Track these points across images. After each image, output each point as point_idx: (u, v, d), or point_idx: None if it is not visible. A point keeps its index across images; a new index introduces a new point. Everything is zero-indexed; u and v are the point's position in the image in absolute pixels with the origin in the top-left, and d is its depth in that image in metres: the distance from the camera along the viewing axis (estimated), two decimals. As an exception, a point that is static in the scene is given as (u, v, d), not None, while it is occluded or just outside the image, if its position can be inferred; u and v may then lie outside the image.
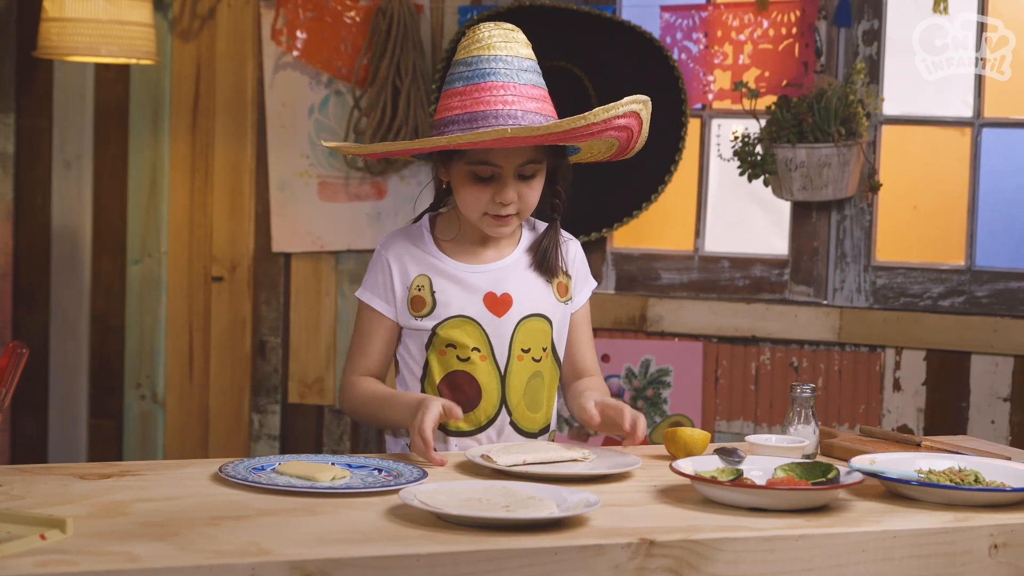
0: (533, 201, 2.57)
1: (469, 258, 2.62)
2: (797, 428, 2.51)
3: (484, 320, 2.57)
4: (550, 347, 2.63)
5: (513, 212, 2.54)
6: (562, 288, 2.66)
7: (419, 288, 2.59)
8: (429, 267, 2.61)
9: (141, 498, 2.07)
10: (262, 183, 4.51)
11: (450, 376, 2.58)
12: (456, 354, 2.57)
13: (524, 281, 2.62)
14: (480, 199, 2.53)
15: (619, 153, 2.65)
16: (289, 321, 4.53)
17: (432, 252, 2.62)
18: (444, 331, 2.57)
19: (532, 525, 1.94)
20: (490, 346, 2.57)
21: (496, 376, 2.58)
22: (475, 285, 2.59)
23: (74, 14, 4.00)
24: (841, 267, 4.11)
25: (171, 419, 4.62)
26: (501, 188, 2.52)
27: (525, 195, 2.54)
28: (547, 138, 2.43)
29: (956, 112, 4.08)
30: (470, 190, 2.54)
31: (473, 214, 2.56)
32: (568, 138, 2.46)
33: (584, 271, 2.72)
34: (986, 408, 3.96)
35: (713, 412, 4.19)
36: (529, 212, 2.59)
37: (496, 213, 2.54)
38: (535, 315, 2.60)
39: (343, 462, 2.32)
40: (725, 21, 4.12)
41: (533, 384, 2.60)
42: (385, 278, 2.61)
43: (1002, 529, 2.06)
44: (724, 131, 4.19)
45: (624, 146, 2.61)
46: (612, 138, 2.53)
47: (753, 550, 1.94)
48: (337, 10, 4.37)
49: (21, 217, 4.64)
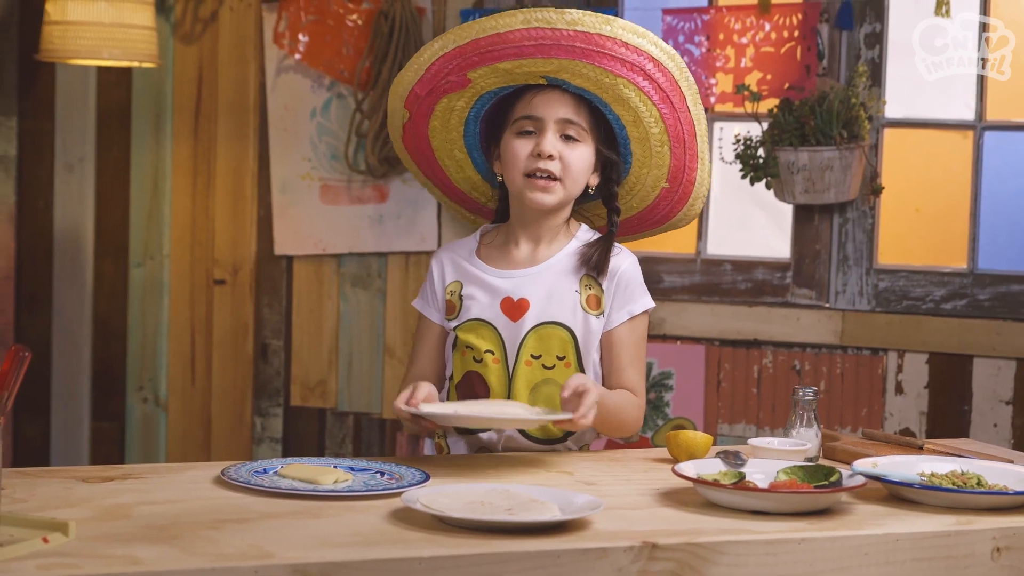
0: (576, 169, 2.57)
1: (502, 264, 2.64)
2: (799, 431, 2.51)
3: (499, 324, 2.59)
4: (572, 357, 2.59)
5: (554, 170, 2.54)
6: (593, 301, 2.61)
7: (451, 293, 2.64)
8: (463, 273, 2.64)
9: (143, 501, 2.07)
10: (264, 186, 4.51)
11: (465, 377, 2.62)
12: (472, 355, 2.60)
13: (548, 289, 2.60)
14: (521, 152, 2.55)
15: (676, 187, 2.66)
16: (291, 324, 4.54)
17: (470, 258, 2.66)
18: (463, 333, 2.61)
19: (534, 528, 1.94)
20: (503, 350, 2.58)
21: (505, 379, 2.58)
22: (497, 289, 2.61)
23: (76, 17, 4.00)
24: (843, 270, 4.11)
25: (173, 422, 4.62)
26: (541, 139, 2.54)
27: (567, 157, 2.55)
28: (574, 40, 2.44)
29: (958, 115, 4.08)
30: (513, 147, 2.57)
31: (517, 177, 2.57)
32: (595, 50, 2.45)
33: (631, 289, 2.63)
34: (988, 411, 3.96)
35: (715, 415, 4.19)
36: (572, 183, 2.57)
37: (535, 169, 2.54)
38: (552, 323, 2.59)
39: (345, 465, 2.33)
40: (727, 24, 4.12)
41: (545, 391, 2.57)
42: (431, 285, 2.67)
43: (1004, 532, 2.06)
44: (726, 134, 4.19)
45: (677, 165, 2.61)
46: (648, 99, 2.52)
47: (755, 553, 1.94)
48: (339, 13, 4.37)
49: (23, 220, 4.64)
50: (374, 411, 4.46)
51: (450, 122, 2.64)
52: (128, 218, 4.63)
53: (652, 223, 2.78)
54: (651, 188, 2.68)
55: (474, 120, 2.64)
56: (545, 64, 2.49)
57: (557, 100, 2.55)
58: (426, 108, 2.62)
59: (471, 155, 2.71)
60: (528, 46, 2.47)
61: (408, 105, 2.62)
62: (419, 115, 2.63)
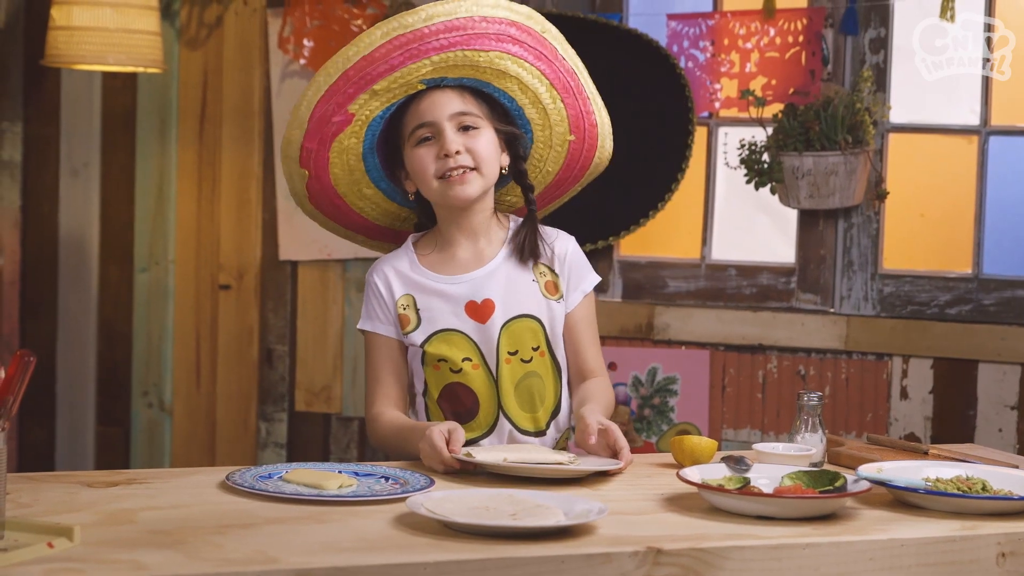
0: (486, 154, 2.58)
1: (449, 270, 2.64)
2: (804, 436, 2.51)
3: (469, 329, 2.60)
4: (544, 346, 2.63)
5: (466, 164, 2.56)
6: (551, 286, 2.65)
7: (404, 307, 2.63)
8: (412, 285, 2.63)
9: (148, 506, 2.07)
10: (269, 191, 4.52)
11: (446, 389, 2.61)
12: (448, 367, 2.60)
13: (506, 284, 2.62)
14: (427, 160, 2.56)
15: (581, 136, 2.67)
16: (296, 329, 4.54)
17: (415, 270, 2.65)
18: (432, 347, 2.60)
19: (539, 533, 1.94)
20: (480, 354, 2.59)
21: (490, 382, 2.60)
22: (456, 296, 2.61)
23: (82, 23, 4.01)
24: (848, 275, 4.10)
25: (178, 427, 4.63)
26: (442, 140, 2.55)
27: (473, 147, 2.57)
28: (438, 34, 2.45)
29: (963, 120, 4.07)
30: (418, 158, 2.57)
31: (431, 184, 2.58)
32: (459, 37, 2.47)
33: (579, 268, 2.69)
34: (993, 416, 3.96)
35: (720, 420, 4.18)
36: (488, 169, 2.59)
37: (445, 169, 2.55)
38: (521, 316, 2.61)
39: (350, 470, 2.33)
40: (732, 29, 4.12)
41: (527, 384, 2.61)
42: (379, 301, 2.65)
43: (1010, 538, 2.06)
44: (731, 139, 4.19)
45: (575, 115, 2.63)
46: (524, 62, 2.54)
47: (760, 558, 1.94)
48: (344, 18, 4.38)
49: (28, 225, 4.65)
50: (379, 416, 4.46)
51: (349, 163, 2.62)
52: (133, 223, 4.63)
53: (571, 181, 2.79)
54: (559, 146, 2.69)
55: (370, 152, 2.63)
56: (419, 69, 2.50)
57: (442, 98, 2.56)
58: (323, 161, 2.60)
59: (379, 187, 2.70)
60: (397, 56, 2.48)
61: (303, 164, 2.60)
62: (319, 169, 2.61)
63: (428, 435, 2.38)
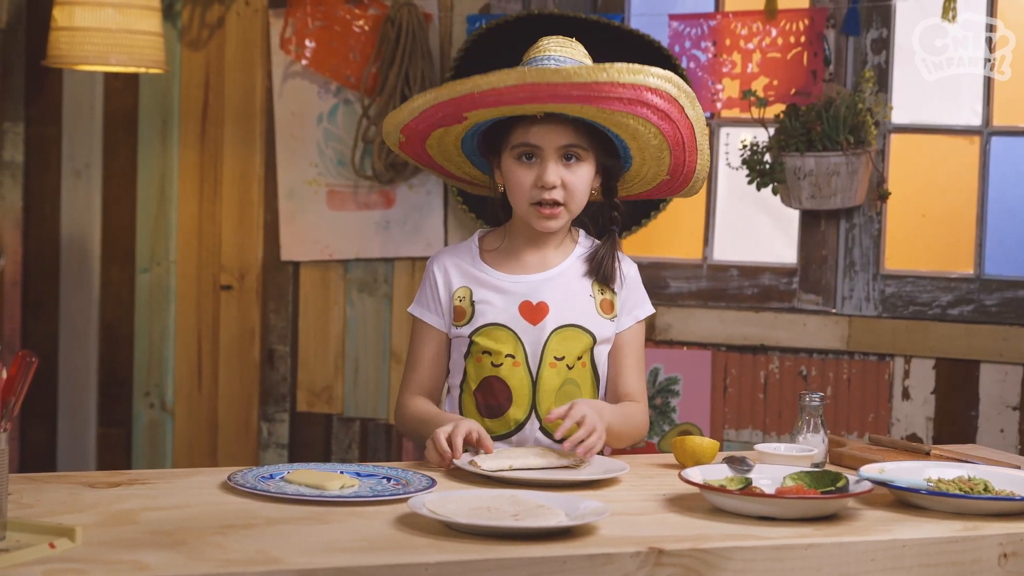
0: (579, 191, 2.59)
1: (511, 268, 2.66)
2: (806, 437, 2.51)
3: (518, 327, 2.61)
4: (588, 357, 2.64)
5: (559, 199, 2.56)
6: (607, 305, 2.66)
7: (460, 299, 2.65)
8: (471, 279, 2.66)
9: (150, 507, 2.07)
10: (271, 192, 4.52)
11: (484, 382, 2.62)
12: (491, 360, 2.61)
13: (563, 292, 2.64)
14: (524, 182, 2.56)
15: (677, 177, 2.67)
16: (298, 330, 4.54)
17: (476, 264, 2.67)
18: (480, 338, 2.62)
19: (541, 534, 1.94)
20: (524, 353, 2.61)
21: (528, 382, 2.60)
22: (513, 293, 2.63)
23: (83, 23, 4.01)
24: (850, 276, 4.10)
25: (180, 427, 4.63)
26: (543, 169, 2.55)
27: (570, 182, 2.57)
28: (570, 90, 2.42)
29: (965, 121, 4.07)
30: (515, 175, 2.57)
31: (522, 204, 2.59)
32: (592, 95, 2.44)
33: (636, 295, 2.71)
34: (995, 417, 3.96)
35: (722, 421, 4.18)
36: (576, 205, 2.60)
37: (540, 199, 2.56)
38: (573, 326, 2.62)
39: (352, 471, 2.33)
40: (734, 30, 4.12)
41: (566, 391, 2.62)
42: (433, 291, 2.67)
43: (1012, 538, 2.06)
44: (733, 140, 4.19)
45: (677, 163, 2.62)
46: (647, 122, 2.51)
47: (762, 559, 1.94)
48: (346, 19, 4.38)
49: (30, 226, 4.65)
50: (380, 416, 4.46)
51: (445, 141, 2.65)
52: (135, 224, 4.63)
53: (652, 199, 2.81)
54: (651, 180, 2.72)
55: (470, 137, 2.65)
56: (544, 106, 2.50)
57: (555, 129, 2.55)
58: (422, 133, 2.63)
59: (470, 159, 2.72)
60: (523, 96, 2.47)
61: (404, 131, 2.63)
62: (415, 138, 2.65)
63: (435, 435, 2.40)
